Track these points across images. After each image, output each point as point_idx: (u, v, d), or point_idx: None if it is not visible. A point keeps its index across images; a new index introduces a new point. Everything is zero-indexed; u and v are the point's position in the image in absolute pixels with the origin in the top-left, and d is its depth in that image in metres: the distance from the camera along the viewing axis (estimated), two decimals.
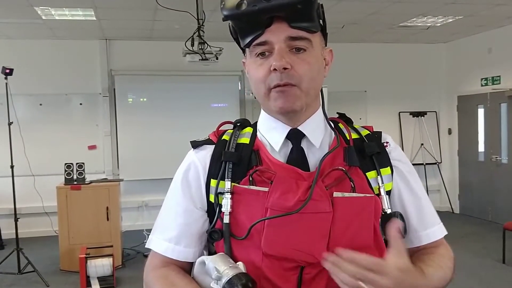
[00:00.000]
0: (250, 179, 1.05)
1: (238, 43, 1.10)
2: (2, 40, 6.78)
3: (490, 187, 7.29)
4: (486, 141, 7.41)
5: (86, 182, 5.34)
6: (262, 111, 1.15)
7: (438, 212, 1.17)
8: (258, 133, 1.15)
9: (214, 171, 1.09)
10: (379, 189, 1.08)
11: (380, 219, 1.06)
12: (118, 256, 5.28)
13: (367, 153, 1.10)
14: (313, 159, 1.08)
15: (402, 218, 1.07)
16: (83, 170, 5.36)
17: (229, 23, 1.08)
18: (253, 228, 1.01)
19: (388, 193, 1.10)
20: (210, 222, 1.10)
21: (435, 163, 8.14)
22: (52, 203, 5.62)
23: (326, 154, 1.07)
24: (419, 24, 6.61)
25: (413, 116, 8.12)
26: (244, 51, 1.13)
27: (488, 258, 5.41)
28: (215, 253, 1.05)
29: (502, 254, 5.25)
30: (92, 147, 7.09)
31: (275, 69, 1.01)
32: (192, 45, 4.71)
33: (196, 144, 1.15)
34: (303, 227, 1.01)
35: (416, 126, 8.14)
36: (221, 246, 1.06)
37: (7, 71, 4.94)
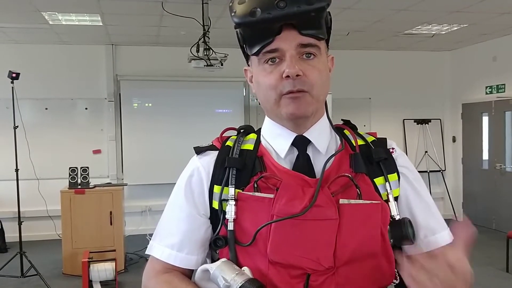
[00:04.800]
0: (255, 185, 1.04)
1: (244, 51, 1.10)
2: (9, 44, 6.83)
3: (494, 196, 7.26)
4: (491, 149, 7.38)
5: (90, 186, 5.35)
6: (266, 117, 1.15)
7: None
8: (262, 140, 1.14)
9: (218, 177, 1.08)
10: (387, 195, 1.08)
11: (389, 225, 1.05)
12: (121, 260, 5.28)
13: (375, 159, 1.10)
14: (319, 165, 1.07)
15: (411, 224, 1.05)
16: (87, 174, 5.37)
17: (236, 31, 1.08)
18: (258, 234, 1.00)
19: (396, 199, 1.10)
20: (213, 229, 1.09)
21: (439, 171, 8.11)
22: (56, 207, 5.64)
23: (330, 156, 1.06)
24: (424, 32, 6.61)
25: (417, 124, 8.11)
26: (247, 60, 1.12)
27: (492, 267, 5.38)
28: (218, 260, 1.04)
29: (506, 263, 5.22)
30: (96, 152, 7.11)
31: (287, 76, 1.00)
32: (198, 51, 4.73)
33: (199, 150, 1.15)
34: (309, 234, 0.99)
35: (420, 134, 8.13)
36: (225, 254, 1.04)
37: (14, 75, 4.96)
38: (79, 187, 5.30)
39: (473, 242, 0.95)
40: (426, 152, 8.07)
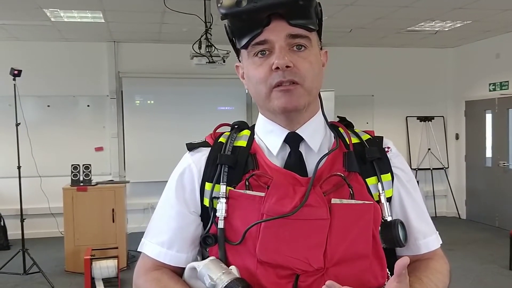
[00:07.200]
0: (247, 183, 1.02)
1: (233, 45, 1.08)
2: (11, 41, 6.84)
3: (497, 193, 7.24)
4: (494, 146, 7.36)
5: (92, 184, 5.35)
6: (260, 114, 1.13)
7: (445, 218, 1.16)
8: (255, 136, 1.12)
9: (209, 174, 1.06)
10: (379, 196, 1.05)
11: (380, 227, 1.03)
12: (123, 258, 5.28)
13: (368, 158, 1.07)
14: (312, 163, 1.04)
15: (403, 226, 1.04)
16: (90, 171, 5.37)
17: (225, 24, 1.05)
18: (248, 233, 0.98)
19: (389, 199, 1.07)
20: (204, 227, 1.07)
21: (442, 168, 8.09)
22: (58, 204, 5.64)
23: (323, 156, 1.04)
24: (427, 28, 6.58)
25: (420, 121, 8.09)
26: (238, 55, 1.10)
27: (495, 264, 5.37)
28: (207, 258, 1.02)
29: (508, 261, 5.20)
30: (99, 149, 7.11)
31: (277, 68, 0.97)
32: (200, 48, 4.72)
33: (192, 147, 1.13)
34: (299, 234, 0.97)
35: (423, 131, 8.11)
36: (215, 252, 1.03)
37: (16, 72, 4.96)
38: (81, 184, 5.30)
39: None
40: (429, 149, 8.05)
